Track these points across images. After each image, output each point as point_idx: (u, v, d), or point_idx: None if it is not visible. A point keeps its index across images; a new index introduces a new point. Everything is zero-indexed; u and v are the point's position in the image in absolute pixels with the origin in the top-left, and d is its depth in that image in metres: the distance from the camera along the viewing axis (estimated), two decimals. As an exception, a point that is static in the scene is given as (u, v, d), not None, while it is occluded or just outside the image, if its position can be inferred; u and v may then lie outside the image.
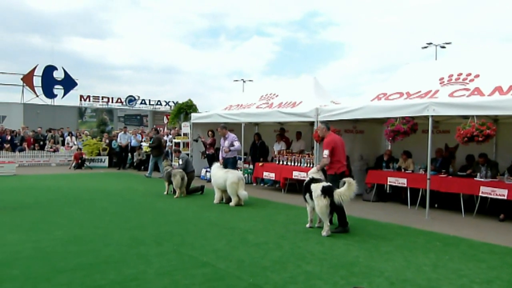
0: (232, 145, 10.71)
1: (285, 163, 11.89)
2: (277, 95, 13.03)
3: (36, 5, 76.38)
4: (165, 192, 11.14)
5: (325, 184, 7.05)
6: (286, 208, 9.56)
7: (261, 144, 13.49)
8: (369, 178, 10.61)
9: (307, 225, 7.44)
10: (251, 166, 13.80)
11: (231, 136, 10.85)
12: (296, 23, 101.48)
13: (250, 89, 18.25)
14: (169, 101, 50.28)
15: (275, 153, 12.77)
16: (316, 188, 7.02)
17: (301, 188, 11.33)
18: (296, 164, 11.49)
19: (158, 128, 21.30)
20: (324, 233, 6.83)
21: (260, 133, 13.93)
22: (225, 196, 9.84)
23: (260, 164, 12.54)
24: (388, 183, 10.14)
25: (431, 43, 34.19)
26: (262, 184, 13.32)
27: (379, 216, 8.64)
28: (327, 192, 6.87)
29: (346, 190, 6.86)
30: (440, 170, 9.63)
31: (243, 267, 5.10)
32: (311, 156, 11.24)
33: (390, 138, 9.44)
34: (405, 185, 9.70)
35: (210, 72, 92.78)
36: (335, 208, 6.98)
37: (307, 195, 7.24)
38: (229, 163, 10.57)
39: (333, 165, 7.64)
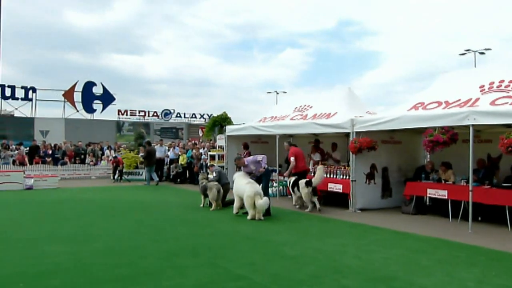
0: (257, 162, 10.42)
1: (320, 175, 11.77)
2: (311, 107, 12.99)
3: (76, 22, 79.65)
4: (201, 205, 11.26)
5: (307, 179, 10.55)
6: (321, 220, 9.46)
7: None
8: (408, 190, 10.36)
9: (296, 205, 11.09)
10: (286, 178, 13.73)
11: (250, 160, 10.59)
12: (329, 33, 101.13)
13: (283, 100, 18.30)
14: (203, 114, 51.11)
15: (311, 163, 12.72)
16: (301, 182, 10.65)
17: (337, 200, 11.33)
18: (331, 176, 11.37)
19: (150, 141, 22.02)
20: (307, 210, 10.49)
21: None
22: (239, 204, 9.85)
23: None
24: (428, 195, 9.87)
25: (469, 50, 33.24)
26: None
27: (419, 229, 8.40)
28: (308, 184, 10.46)
29: (317, 175, 10.48)
30: (483, 182, 9.28)
31: (279, 280, 5.07)
32: (347, 168, 11.10)
33: (429, 149, 9.20)
34: (446, 197, 9.40)
35: (243, 84, 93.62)
36: (315, 194, 10.55)
37: (295, 188, 10.98)
38: (263, 175, 10.47)
39: (297, 165, 11.08)
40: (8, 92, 39.72)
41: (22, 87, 41.03)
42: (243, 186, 9.60)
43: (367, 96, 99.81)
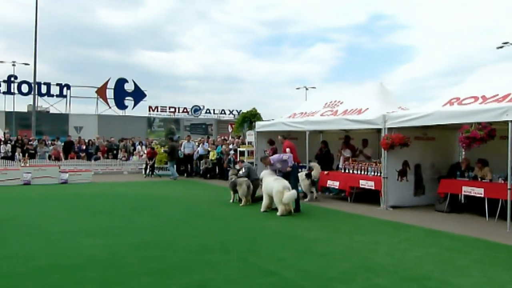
0: (284, 161, 10.31)
1: (351, 171, 11.65)
2: (342, 102, 12.84)
3: (109, 20, 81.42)
4: (231, 200, 11.33)
5: (307, 172, 11.80)
6: (352, 217, 9.36)
7: (327, 152, 13.33)
8: (442, 187, 10.11)
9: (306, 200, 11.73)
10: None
11: (275, 158, 10.51)
12: (360, 28, 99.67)
13: (313, 96, 18.13)
14: (232, 110, 51.41)
15: (341, 159, 12.61)
16: (301, 174, 11.67)
17: (368, 197, 11.19)
18: (362, 172, 11.23)
19: (174, 137, 22.49)
20: (306, 200, 11.60)
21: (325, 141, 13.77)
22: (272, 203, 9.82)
23: (325, 172, 12.39)
24: (463, 193, 9.60)
25: (507, 43, 32.05)
26: (327, 193, 13.14)
27: (454, 227, 8.19)
28: (308, 176, 11.77)
29: (315, 171, 11.94)
30: (522, 179, 8.94)
31: (310, 277, 5.04)
32: (378, 164, 10.93)
33: (465, 145, 8.93)
34: (482, 195, 9.12)
35: (272, 80, 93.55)
36: (313, 184, 11.82)
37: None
38: (290, 172, 10.40)
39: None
40: (44, 89, 41.07)
41: (57, 84, 42.36)
42: (271, 183, 9.62)
43: (399, 91, 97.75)
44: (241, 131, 24.29)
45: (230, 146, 18.23)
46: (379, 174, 10.67)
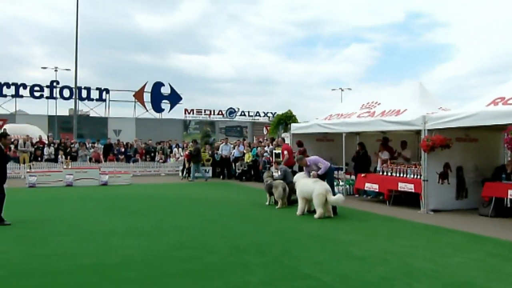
0: (318, 168, 10.21)
1: (389, 173, 11.42)
2: (379, 103, 12.61)
3: (145, 25, 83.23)
4: (267, 203, 11.34)
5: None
6: (391, 221, 9.16)
7: (364, 154, 13.13)
8: (486, 190, 9.74)
9: None
10: (353, 177, 13.50)
11: (312, 160, 10.32)
12: (397, 26, 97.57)
13: (350, 97, 17.93)
14: (267, 112, 51.41)
15: (379, 161, 12.39)
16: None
17: (408, 200, 10.94)
18: (401, 175, 10.98)
19: (198, 140, 22.82)
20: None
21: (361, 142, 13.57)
22: (309, 206, 9.73)
23: (363, 175, 12.20)
24: (509, 197, 9.23)
25: (556, 40, 30.54)
26: (364, 196, 12.94)
27: (499, 233, 7.86)
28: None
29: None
30: None
31: (348, 281, 4.96)
32: (418, 166, 10.66)
33: (511, 147, 8.59)
34: (530, 199, 8.74)
35: (306, 81, 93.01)
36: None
37: None
38: (326, 174, 10.30)
39: (289, 161, 13.41)
40: (84, 93, 42.36)
41: (96, 89, 43.63)
42: (310, 185, 9.49)
43: (438, 90, 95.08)
44: (277, 133, 24.29)
45: (266, 148, 18.25)
46: (419, 176, 10.41)
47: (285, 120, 24.06)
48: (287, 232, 7.96)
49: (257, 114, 51.49)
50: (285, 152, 14.14)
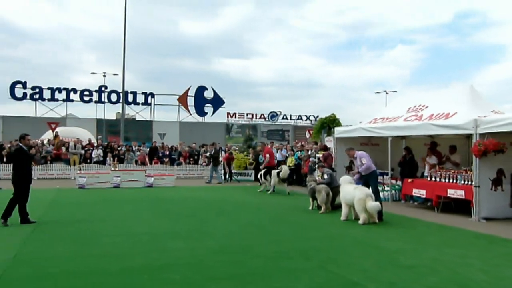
0: (361, 163, 10.10)
1: (437, 179, 11.06)
2: (427, 106, 12.25)
3: (189, 30, 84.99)
4: (310, 208, 11.26)
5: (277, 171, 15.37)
6: (439, 228, 8.86)
7: (410, 159, 12.79)
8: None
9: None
10: (399, 183, 13.19)
11: (359, 154, 10.29)
12: (445, 27, 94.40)
13: (395, 100, 17.48)
14: (309, 116, 51.11)
15: (426, 167, 12.04)
16: (273, 172, 15.46)
17: (458, 207, 10.55)
18: (451, 180, 10.61)
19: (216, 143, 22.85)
20: (268, 192, 15.40)
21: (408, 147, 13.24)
22: (353, 212, 9.57)
23: (410, 180, 11.89)
24: None
25: None
26: (411, 202, 12.60)
27: (558, 243, 7.44)
28: (278, 174, 15.28)
29: (283, 171, 15.31)
30: None
31: (394, 290, 4.85)
32: (468, 172, 10.26)
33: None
34: None
35: (350, 84, 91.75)
36: (283, 181, 15.44)
37: (267, 176, 15.64)
38: (370, 178, 10.13)
39: (270, 161, 15.99)
40: (130, 98, 43.71)
41: (142, 93, 44.88)
42: (351, 192, 9.41)
43: (489, 93, 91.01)
44: (319, 137, 24.05)
45: (309, 152, 18.13)
46: (469, 182, 10.02)
47: (329, 123, 23.72)
48: (331, 237, 7.88)
49: (299, 118, 51.31)
50: (267, 155, 16.24)
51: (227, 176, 19.94)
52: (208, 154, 21.80)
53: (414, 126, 11.65)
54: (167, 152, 23.64)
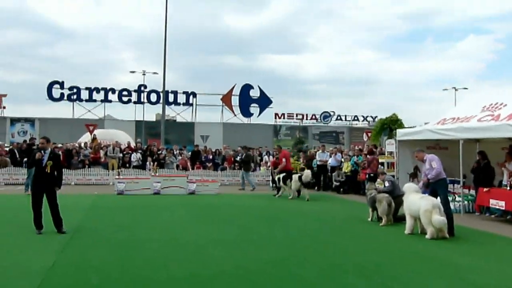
0: (431, 167, 9.86)
1: (519, 189, 10.64)
2: (505, 104, 11.81)
3: (234, 25, 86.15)
4: (369, 219, 11.12)
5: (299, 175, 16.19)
6: (522, 245, 8.53)
7: (486, 165, 12.37)
8: None
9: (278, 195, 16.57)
10: (473, 192, 12.78)
11: (429, 157, 10.05)
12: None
13: (466, 98, 16.95)
14: (366, 116, 50.48)
15: (505, 173, 11.60)
16: (295, 176, 16.26)
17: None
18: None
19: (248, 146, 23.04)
20: (290, 197, 16.11)
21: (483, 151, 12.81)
22: (419, 226, 9.35)
23: (486, 189, 11.50)
24: None
25: None
26: (487, 214, 12.16)
27: None
28: (300, 179, 15.93)
29: (304, 176, 15.97)
30: None
31: (469, 312, 4.74)
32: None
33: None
34: None
35: (412, 81, 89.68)
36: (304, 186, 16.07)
37: (288, 181, 16.32)
38: (438, 187, 9.89)
39: (287, 165, 16.90)
40: (171, 97, 44.77)
41: (183, 93, 45.93)
42: (416, 202, 9.20)
43: None
44: (379, 139, 23.74)
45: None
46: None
47: (389, 125, 23.40)
48: (394, 252, 7.77)
49: (355, 118, 50.77)
50: (284, 160, 17.12)
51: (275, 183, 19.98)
52: (238, 158, 22.09)
53: (490, 128, 11.27)
54: (210, 156, 24.02)
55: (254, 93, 47.06)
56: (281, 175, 16.67)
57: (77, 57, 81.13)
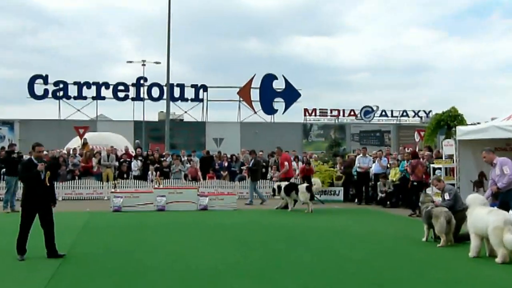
0: (502, 172, 9.70)
1: None
2: None
3: (252, 3, 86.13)
4: (424, 239, 10.99)
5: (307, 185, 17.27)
6: None
7: None
8: None
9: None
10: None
11: (500, 161, 9.87)
12: None
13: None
14: (418, 111, 50.04)
15: None
16: (302, 186, 17.17)
17: None
18: None
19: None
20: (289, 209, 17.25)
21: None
22: (487, 247, 9.17)
23: None
24: None
25: None
26: None
27: None
28: (308, 189, 16.95)
29: (316, 186, 17.67)
30: None
31: None
32: None
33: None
34: None
35: (475, 66, 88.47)
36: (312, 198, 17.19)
37: (292, 192, 16.98)
38: (510, 197, 9.71)
39: (289, 171, 18.37)
40: (176, 92, 44.88)
41: (192, 86, 46.05)
42: (483, 217, 9.00)
43: None
44: (434, 139, 23.50)
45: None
46: None
47: (447, 121, 23.10)
48: (459, 282, 7.67)
49: (404, 114, 50.35)
50: (286, 163, 17.86)
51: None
52: (246, 166, 22.00)
53: None
54: (226, 164, 23.99)
55: (279, 85, 46.97)
56: (283, 184, 17.20)
57: (65, 46, 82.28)
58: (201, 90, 46.09)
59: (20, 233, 8.79)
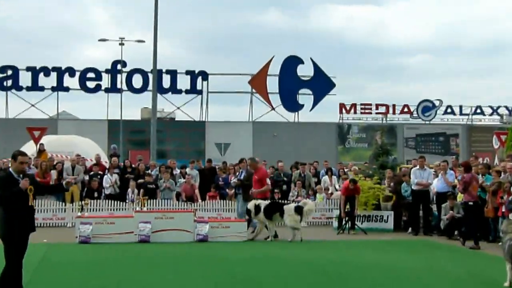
0: None
1: None
2: None
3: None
4: (507, 283, 10.85)
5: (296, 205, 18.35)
6: None
7: None
8: None
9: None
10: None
11: None
12: None
13: None
14: (497, 107, 49.60)
15: None
16: (290, 208, 17.70)
17: None
18: None
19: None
20: (268, 238, 17.85)
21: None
22: None
23: None
24: None
25: None
26: None
27: None
28: (298, 210, 17.75)
29: (307, 207, 18.13)
30: None
31: None
32: None
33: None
34: None
35: None
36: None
37: (273, 216, 17.58)
38: None
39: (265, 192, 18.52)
40: (166, 81, 44.72)
41: (187, 73, 45.76)
42: None
43: None
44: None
45: (502, 177, 17.56)
46: None
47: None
48: None
49: (478, 111, 49.99)
50: (268, 180, 18.64)
51: (343, 222, 19.67)
52: (235, 179, 20.63)
53: None
54: (232, 178, 23.85)
55: (305, 71, 46.83)
56: (263, 204, 17.51)
57: (12, 18, 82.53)
58: (199, 79, 45.84)
59: (12, 270, 8.58)
